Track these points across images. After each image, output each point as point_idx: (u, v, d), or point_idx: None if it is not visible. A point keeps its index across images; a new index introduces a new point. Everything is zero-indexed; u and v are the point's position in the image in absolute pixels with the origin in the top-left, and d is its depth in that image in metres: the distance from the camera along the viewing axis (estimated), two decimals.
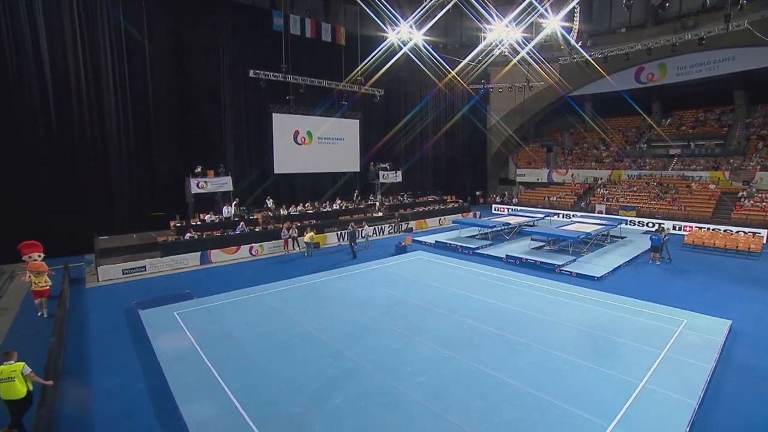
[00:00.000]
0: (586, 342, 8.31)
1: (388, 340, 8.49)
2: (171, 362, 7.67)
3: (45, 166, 16.42)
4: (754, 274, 13.68)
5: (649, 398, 6.29)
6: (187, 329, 9.26)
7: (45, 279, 10.63)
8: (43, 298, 10.63)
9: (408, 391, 6.54)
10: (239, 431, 5.66)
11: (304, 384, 6.80)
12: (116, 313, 10.91)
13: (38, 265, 10.92)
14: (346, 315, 9.96)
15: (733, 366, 7.50)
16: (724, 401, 6.41)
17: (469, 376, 7.01)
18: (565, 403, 6.16)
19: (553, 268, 14.12)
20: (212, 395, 6.55)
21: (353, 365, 7.41)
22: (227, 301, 11.26)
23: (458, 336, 8.64)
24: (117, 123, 18.12)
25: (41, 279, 10.55)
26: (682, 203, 22.94)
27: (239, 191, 20.85)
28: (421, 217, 23.96)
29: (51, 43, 16.17)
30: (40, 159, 16.32)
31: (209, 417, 5.98)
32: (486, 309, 10.23)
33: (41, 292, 10.60)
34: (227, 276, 14.35)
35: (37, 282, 10.49)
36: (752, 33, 20.74)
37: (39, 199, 16.22)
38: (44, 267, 10.94)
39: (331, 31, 24.36)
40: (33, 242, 11.68)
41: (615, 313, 9.92)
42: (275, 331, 9.06)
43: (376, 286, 12.34)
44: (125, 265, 14.57)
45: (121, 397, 6.90)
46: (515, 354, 7.80)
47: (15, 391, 5.71)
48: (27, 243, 11.58)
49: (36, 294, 10.62)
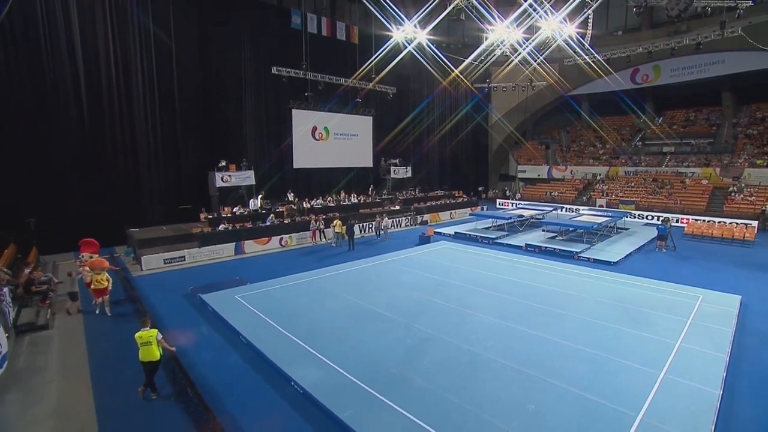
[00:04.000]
0: (620, 313, 9.47)
1: (447, 315, 9.47)
2: (258, 337, 8.43)
3: (78, 163, 16.81)
4: (752, 259, 15.18)
5: (687, 354, 7.44)
6: (256, 309, 10.02)
7: (106, 277, 10.01)
8: (104, 297, 9.97)
9: (483, 353, 7.54)
10: (349, 387, 6.54)
11: (389, 351, 7.72)
12: (175, 297, 11.54)
13: (99, 261, 10.38)
14: (400, 295, 10.89)
15: (749, 331, 8.75)
16: (747, 355, 7.63)
17: (529, 340, 8.06)
18: (618, 358, 7.28)
19: (572, 255, 15.33)
20: (311, 362, 7.39)
21: (425, 335, 8.36)
22: (280, 286, 12.03)
23: (508, 310, 9.69)
24: (145, 120, 18.58)
25: (101, 277, 9.89)
26: (677, 198, 24.57)
27: (260, 185, 21.49)
28: (434, 211, 25.04)
29: (84, 45, 16.63)
30: (74, 156, 16.72)
31: (317, 378, 6.82)
32: (524, 288, 11.32)
33: (102, 291, 9.93)
34: (265, 265, 15.06)
35: (98, 280, 9.84)
36: (743, 38, 22.36)
37: (73, 193, 16.61)
38: (105, 263, 10.35)
39: (345, 29, 25.10)
40: (91, 240, 11.39)
41: (638, 290, 11.13)
42: (340, 310, 9.93)
43: (415, 271, 13.30)
44: (166, 255, 15.15)
45: (221, 367, 7.63)
46: (563, 323, 8.90)
47: (152, 353, 6.49)
48: (86, 240, 11.28)
49: (96, 293, 9.94)
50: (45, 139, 16.00)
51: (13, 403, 6.48)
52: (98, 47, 16.98)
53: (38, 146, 15.85)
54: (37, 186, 15.79)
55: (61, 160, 16.41)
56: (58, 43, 15.96)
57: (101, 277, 9.87)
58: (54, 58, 15.95)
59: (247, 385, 7.01)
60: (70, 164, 16.63)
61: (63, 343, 8.77)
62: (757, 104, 29.07)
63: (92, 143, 17.15)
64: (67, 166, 16.57)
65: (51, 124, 16.13)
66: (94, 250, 11.01)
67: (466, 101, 33.40)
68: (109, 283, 10.10)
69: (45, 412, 6.28)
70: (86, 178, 16.95)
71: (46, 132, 16.03)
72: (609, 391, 6.27)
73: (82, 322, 9.89)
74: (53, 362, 7.90)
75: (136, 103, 18.21)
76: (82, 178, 16.89)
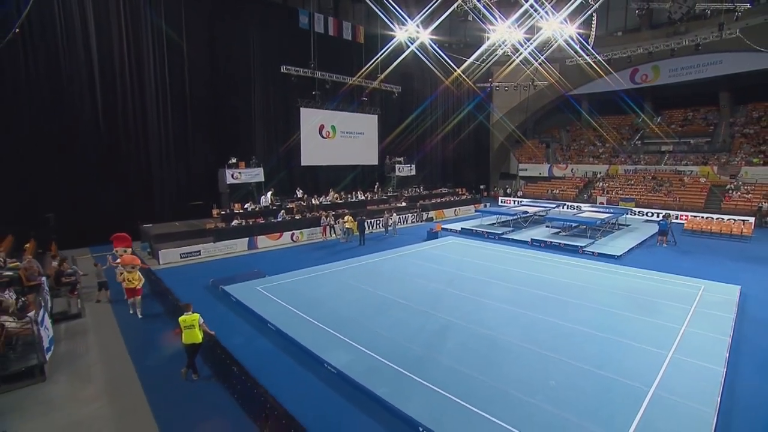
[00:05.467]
0: (627, 301, 9.98)
1: (463, 303, 9.95)
2: (285, 324, 8.85)
3: (93, 161, 17.15)
4: (749, 253, 15.77)
5: (693, 337, 7.95)
6: (279, 299, 10.45)
7: (138, 276, 9.61)
8: (135, 297, 9.62)
9: (502, 337, 8.02)
10: (380, 367, 6.99)
11: (413, 336, 8.18)
12: (197, 289, 11.94)
13: (131, 258, 9.97)
14: (415, 286, 11.36)
15: (748, 317, 9.28)
16: (748, 338, 8.16)
17: (545, 325, 8.56)
18: (628, 340, 7.80)
19: (576, 249, 15.85)
20: (340, 346, 7.83)
21: (446, 322, 8.83)
22: (298, 278, 12.46)
23: (521, 299, 10.18)
24: (157, 119, 18.93)
25: (134, 275, 9.51)
26: (676, 195, 25.18)
27: (268, 182, 21.87)
28: (439, 208, 25.52)
29: (100, 46, 16.97)
30: (89, 154, 17.06)
31: (349, 360, 7.26)
32: (534, 279, 11.82)
33: (134, 290, 9.55)
34: (278, 259, 15.46)
35: (130, 279, 9.48)
36: (741, 39, 22.98)
37: (88, 190, 16.95)
38: (137, 260, 9.94)
39: (351, 29, 25.51)
40: (123, 235, 11.19)
41: (642, 281, 11.66)
42: (361, 299, 10.37)
43: (427, 264, 13.77)
44: (182, 249, 15.55)
45: (252, 351, 8.03)
46: (575, 310, 9.40)
47: (195, 336, 6.91)
48: (118, 235, 11.09)
49: (129, 292, 9.57)
50: (62, 138, 16.31)
51: (65, 384, 6.88)
52: (113, 48, 17.33)
53: (55, 145, 16.17)
54: (54, 183, 16.13)
55: (77, 158, 16.73)
56: (74, 44, 16.30)
57: (133, 275, 9.50)
58: (70, 59, 16.29)
59: (280, 367, 7.43)
60: (85, 162, 16.95)
61: (97, 330, 9.17)
62: (754, 104, 29.74)
63: (107, 141, 17.46)
64: (83, 163, 16.88)
65: (68, 123, 16.44)
66: (127, 245, 10.90)
67: (468, 100, 33.91)
68: (140, 282, 9.70)
69: (97, 391, 6.69)
70: (101, 175, 17.28)
71: (64, 130, 16.35)
72: (622, 368, 6.77)
73: (111, 311, 10.29)
74: (93, 348, 8.30)
75: (149, 102, 18.55)
76: (97, 175, 17.21)
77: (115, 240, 10.96)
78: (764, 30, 23.54)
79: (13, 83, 15.19)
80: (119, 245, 10.68)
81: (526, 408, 5.74)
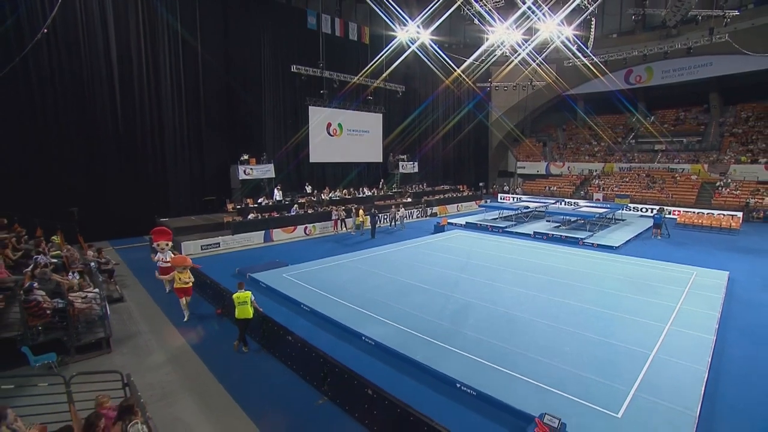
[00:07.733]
0: (628, 285, 10.94)
1: (479, 287, 10.83)
2: (318, 305, 9.65)
3: (112, 157, 17.73)
4: (737, 244, 16.89)
5: (687, 314, 8.92)
6: (306, 284, 11.23)
7: (189, 275, 9.36)
8: (187, 297, 9.38)
9: (518, 313, 8.92)
10: (413, 338, 7.82)
11: (438, 313, 9.04)
12: (224, 277, 12.54)
13: (182, 258, 9.91)
14: (432, 273, 12.22)
15: (735, 298, 10.29)
16: (734, 314, 9.17)
17: (555, 304, 9.47)
18: (631, 315, 8.77)
19: (577, 241, 16.83)
20: (373, 322, 8.65)
21: (465, 302, 9.70)
22: (319, 267, 13.24)
23: (531, 283, 11.10)
24: (173, 117, 19.53)
25: (185, 275, 9.26)
26: (669, 191, 26.35)
27: (277, 178, 22.58)
28: (442, 204, 26.43)
29: (119, 45, 17.52)
30: (109, 150, 17.64)
31: (383, 333, 8.09)
32: (541, 267, 12.75)
33: (186, 290, 9.32)
34: (294, 250, 16.19)
35: (180, 278, 9.20)
36: (730, 43, 24.17)
37: (108, 185, 17.55)
38: (188, 261, 9.68)
39: (357, 30, 26.25)
40: (162, 228, 11.25)
41: (640, 268, 12.65)
42: (383, 285, 11.20)
43: (438, 254, 14.63)
44: (203, 241, 16.25)
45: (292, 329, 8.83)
46: (580, 292, 10.33)
47: (247, 312, 7.71)
48: (158, 229, 11.19)
49: (180, 292, 9.32)
50: (83, 135, 16.91)
51: (130, 355, 7.63)
52: (131, 49, 17.88)
53: (78, 141, 16.79)
54: (77, 178, 16.73)
55: (97, 154, 17.32)
56: (95, 45, 16.84)
57: (184, 275, 9.23)
58: (91, 59, 16.82)
59: (321, 341, 8.19)
60: (104, 158, 17.52)
61: (141, 311, 9.90)
62: (742, 105, 31.05)
63: (125, 138, 18.02)
64: (102, 159, 17.47)
65: (89, 120, 17.00)
66: (167, 238, 10.96)
67: (468, 100, 34.79)
68: (191, 281, 9.47)
69: (160, 360, 7.45)
70: (119, 171, 17.88)
71: (85, 127, 16.92)
72: (626, 337, 7.71)
73: (149, 295, 11.02)
74: (143, 326, 9.03)
75: (164, 100, 19.13)
76: (116, 170, 17.81)
77: (155, 234, 11.14)
78: (752, 34, 24.78)
79: (39, 82, 15.74)
80: (159, 239, 10.83)
81: (547, 368, 6.63)
